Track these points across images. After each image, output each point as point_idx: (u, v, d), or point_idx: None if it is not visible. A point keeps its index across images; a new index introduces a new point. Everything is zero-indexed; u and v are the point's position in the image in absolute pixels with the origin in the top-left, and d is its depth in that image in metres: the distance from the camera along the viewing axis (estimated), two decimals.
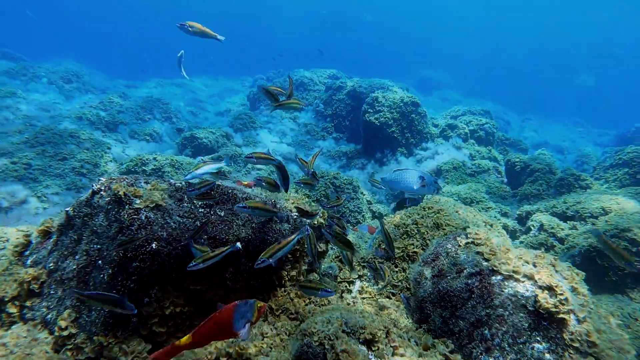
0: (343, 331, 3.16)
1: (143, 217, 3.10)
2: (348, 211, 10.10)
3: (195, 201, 3.44)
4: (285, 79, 20.53)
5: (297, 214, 4.06)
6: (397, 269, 4.89)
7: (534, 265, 3.55)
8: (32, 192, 9.54)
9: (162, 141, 15.18)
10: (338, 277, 4.93)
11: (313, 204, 4.73)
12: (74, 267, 3.28)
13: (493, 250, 3.67)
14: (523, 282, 3.36)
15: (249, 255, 3.58)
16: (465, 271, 3.67)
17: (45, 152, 10.86)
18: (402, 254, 4.95)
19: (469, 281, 3.59)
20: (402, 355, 3.33)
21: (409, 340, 3.69)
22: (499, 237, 4.60)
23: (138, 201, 3.15)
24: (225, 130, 15.19)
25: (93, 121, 14.63)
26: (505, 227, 8.88)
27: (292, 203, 4.19)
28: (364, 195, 11.61)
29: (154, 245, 3.06)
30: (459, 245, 3.93)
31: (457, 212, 5.50)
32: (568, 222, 8.26)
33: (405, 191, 5.85)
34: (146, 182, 3.41)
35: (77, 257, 3.30)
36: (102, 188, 3.31)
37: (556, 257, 3.61)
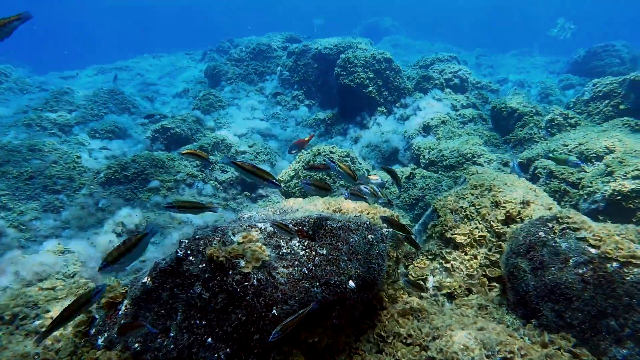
0: (486, 356, 2.95)
1: (255, 282, 2.63)
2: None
3: (293, 243, 2.98)
4: (242, 49, 19.20)
5: (386, 227, 3.70)
6: (467, 257, 4.72)
7: None
8: (7, 223, 8.47)
9: (128, 136, 13.91)
10: (409, 276, 4.70)
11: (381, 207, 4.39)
12: (172, 346, 2.79)
13: (597, 235, 3.53)
14: None
15: (357, 289, 3.22)
16: (571, 261, 3.53)
17: (6, 173, 9.58)
18: (468, 240, 4.77)
19: (580, 271, 3.45)
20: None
21: (521, 338, 3.57)
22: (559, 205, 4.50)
23: (243, 263, 2.66)
24: (195, 115, 14.13)
25: (44, 126, 13.06)
26: None
27: (375, 214, 3.81)
28: (362, 164, 11.36)
29: (274, 311, 2.62)
30: (554, 233, 3.76)
31: (505, 184, 5.35)
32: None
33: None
34: (233, 233, 2.90)
35: (172, 334, 2.80)
36: (190, 252, 2.76)
37: None
